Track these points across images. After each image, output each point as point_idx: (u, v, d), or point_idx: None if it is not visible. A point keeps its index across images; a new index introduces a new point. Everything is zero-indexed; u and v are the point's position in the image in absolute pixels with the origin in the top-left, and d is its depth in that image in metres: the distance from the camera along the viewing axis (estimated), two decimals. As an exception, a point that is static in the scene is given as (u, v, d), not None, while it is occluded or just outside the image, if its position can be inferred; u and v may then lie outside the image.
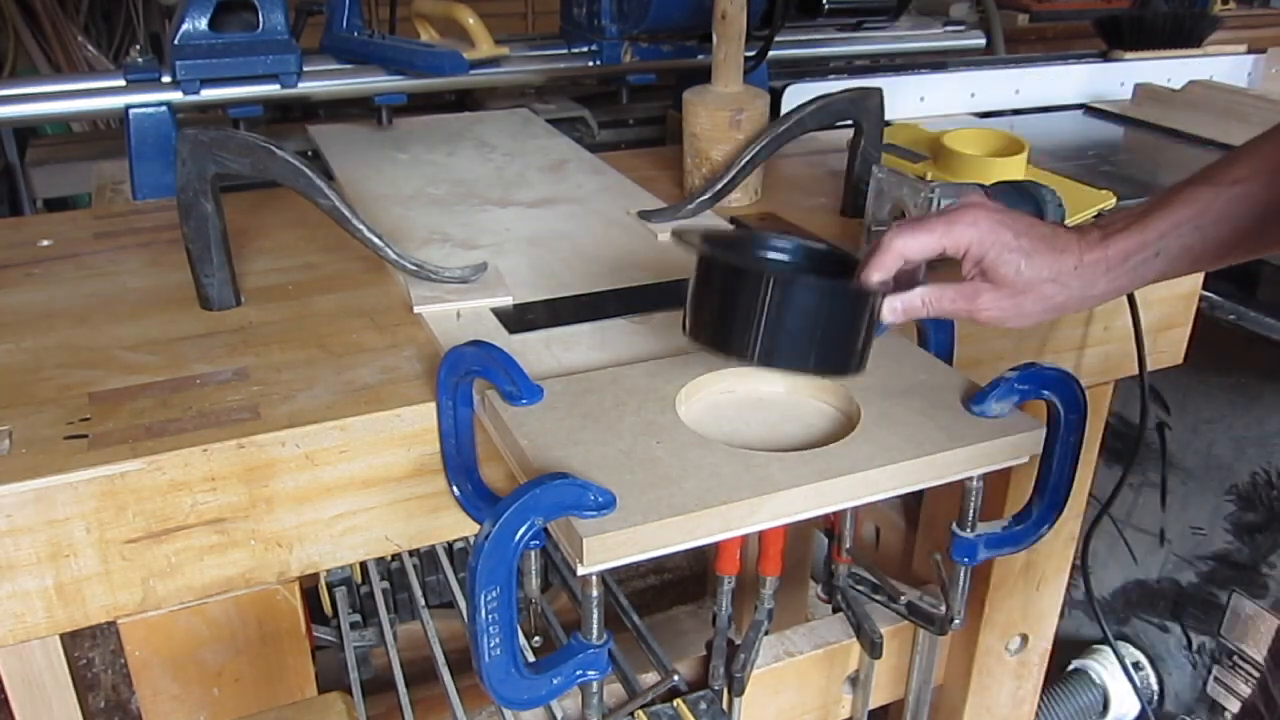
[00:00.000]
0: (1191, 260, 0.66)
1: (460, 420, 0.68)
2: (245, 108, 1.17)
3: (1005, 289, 0.66)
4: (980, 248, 0.65)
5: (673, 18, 1.29)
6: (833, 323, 0.63)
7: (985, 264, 0.66)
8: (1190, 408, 1.24)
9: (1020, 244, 0.65)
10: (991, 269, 0.66)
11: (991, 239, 0.65)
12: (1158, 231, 0.65)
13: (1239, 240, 0.65)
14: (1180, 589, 1.30)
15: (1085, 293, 0.66)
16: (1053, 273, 0.65)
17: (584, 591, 0.61)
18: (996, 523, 0.74)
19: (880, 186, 0.92)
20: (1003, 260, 0.65)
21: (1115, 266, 0.66)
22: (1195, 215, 0.64)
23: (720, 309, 0.64)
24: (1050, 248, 0.65)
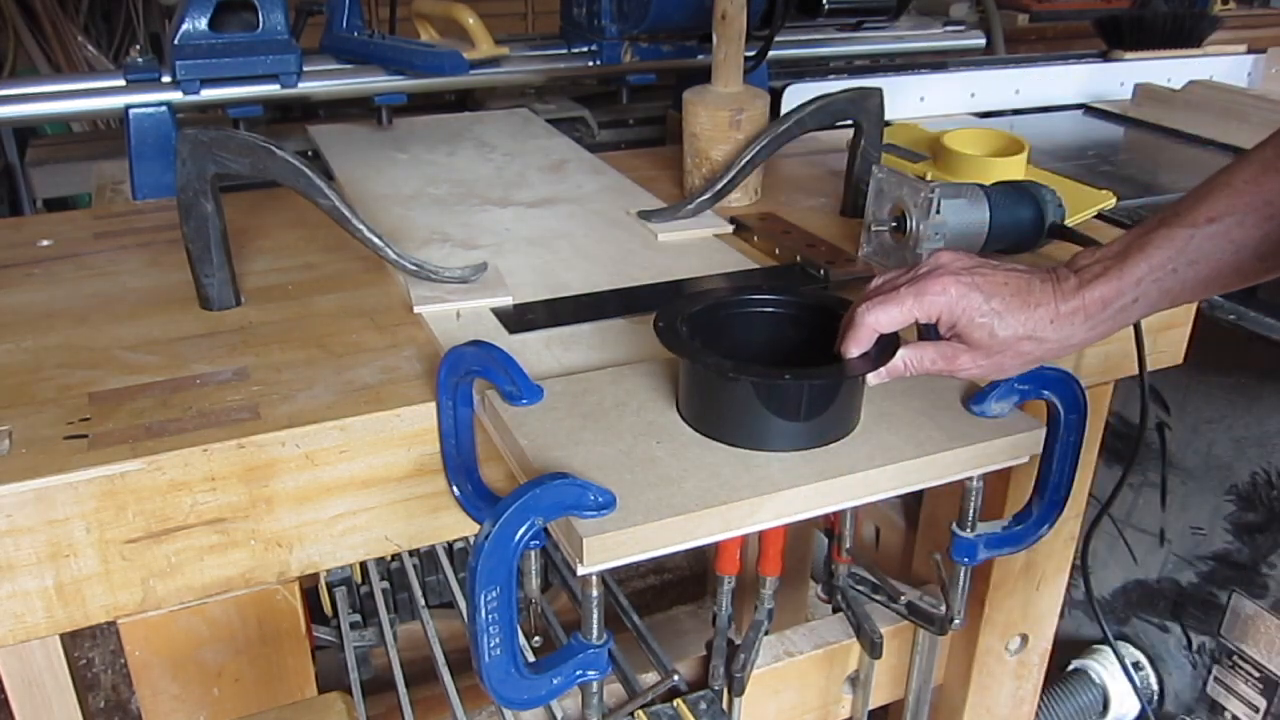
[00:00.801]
0: (1171, 300, 0.65)
1: (460, 420, 0.68)
2: (245, 108, 1.17)
3: (982, 350, 0.65)
4: (951, 314, 0.65)
5: (673, 18, 1.29)
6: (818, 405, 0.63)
7: (959, 329, 0.65)
8: (1190, 408, 1.24)
9: (991, 306, 0.64)
10: (965, 334, 0.65)
11: (961, 305, 0.64)
12: (1135, 278, 0.64)
13: (1218, 277, 0.64)
14: (1180, 589, 1.30)
15: (1065, 342, 0.66)
16: (1028, 329, 0.65)
17: (584, 591, 0.61)
18: (996, 523, 0.74)
19: (880, 186, 0.91)
20: (975, 325, 0.65)
21: (1094, 314, 0.65)
22: (1172, 258, 0.63)
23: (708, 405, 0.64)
24: (1023, 304, 0.65)
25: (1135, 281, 0.64)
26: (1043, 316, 0.64)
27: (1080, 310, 0.64)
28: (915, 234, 0.88)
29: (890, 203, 0.91)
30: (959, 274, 0.65)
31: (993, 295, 0.64)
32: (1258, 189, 0.62)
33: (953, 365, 0.66)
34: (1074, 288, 0.65)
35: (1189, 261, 0.63)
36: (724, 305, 0.71)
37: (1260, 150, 0.64)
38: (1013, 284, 0.65)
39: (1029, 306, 0.64)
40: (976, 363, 0.66)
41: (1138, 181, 1.27)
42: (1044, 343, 0.65)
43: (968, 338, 0.65)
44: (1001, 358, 0.66)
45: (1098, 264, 0.65)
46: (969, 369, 0.66)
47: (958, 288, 0.64)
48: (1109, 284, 0.64)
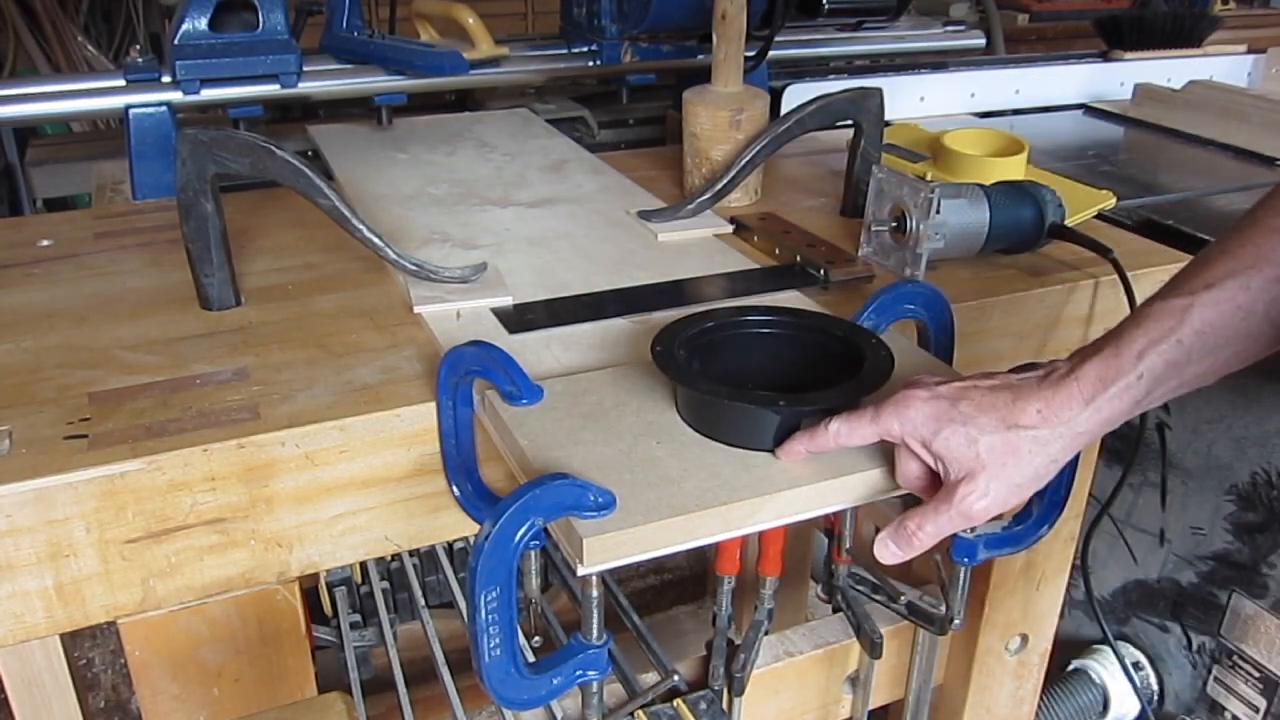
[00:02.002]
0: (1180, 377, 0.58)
1: (460, 420, 0.68)
2: (245, 108, 1.17)
3: (980, 475, 0.58)
4: (916, 430, 0.59)
5: (673, 18, 1.29)
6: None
7: (935, 449, 0.59)
8: (1190, 408, 1.24)
9: (960, 410, 0.58)
10: (942, 452, 0.58)
11: (923, 416, 0.58)
12: (1134, 351, 0.57)
13: (1229, 345, 0.58)
14: (1180, 589, 1.30)
15: (1071, 430, 0.58)
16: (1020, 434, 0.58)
17: (584, 591, 0.61)
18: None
19: (880, 186, 0.91)
20: (947, 436, 0.58)
21: (1095, 396, 0.58)
22: (1173, 328, 0.57)
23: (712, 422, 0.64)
24: (999, 403, 0.58)
25: (1136, 355, 0.57)
26: (1028, 410, 0.58)
27: (1076, 395, 0.58)
28: (915, 234, 0.88)
29: (890, 203, 0.91)
30: (923, 389, 0.60)
31: (960, 399, 0.58)
32: (1256, 247, 0.58)
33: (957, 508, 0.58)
34: (1064, 374, 0.59)
35: (1193, 331, 0.57)
36: (721, 326, 0.71)
37: (1259, 211, 0.60)
38: (984, 385, 0.59)
39: (1008, 403, 0.58)
40: (985, 491, 0.58)
41: (1138, 181, 1.27)
42: (1040, 440, 0.58)
43: (949, 457, 0.58)
44: (1003, 475, 0.58)
45: (1091, 346, 0.60)
46: (986, 506, 0.58)
47: (917, 402, 0.59)
48: (1104, 361, 0.58)
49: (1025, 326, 0.91)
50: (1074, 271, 0.93)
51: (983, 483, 0.58)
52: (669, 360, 0.65)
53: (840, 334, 0.69)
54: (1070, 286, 0.92)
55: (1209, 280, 0.58)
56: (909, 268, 0.89)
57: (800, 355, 0.71)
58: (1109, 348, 0.58)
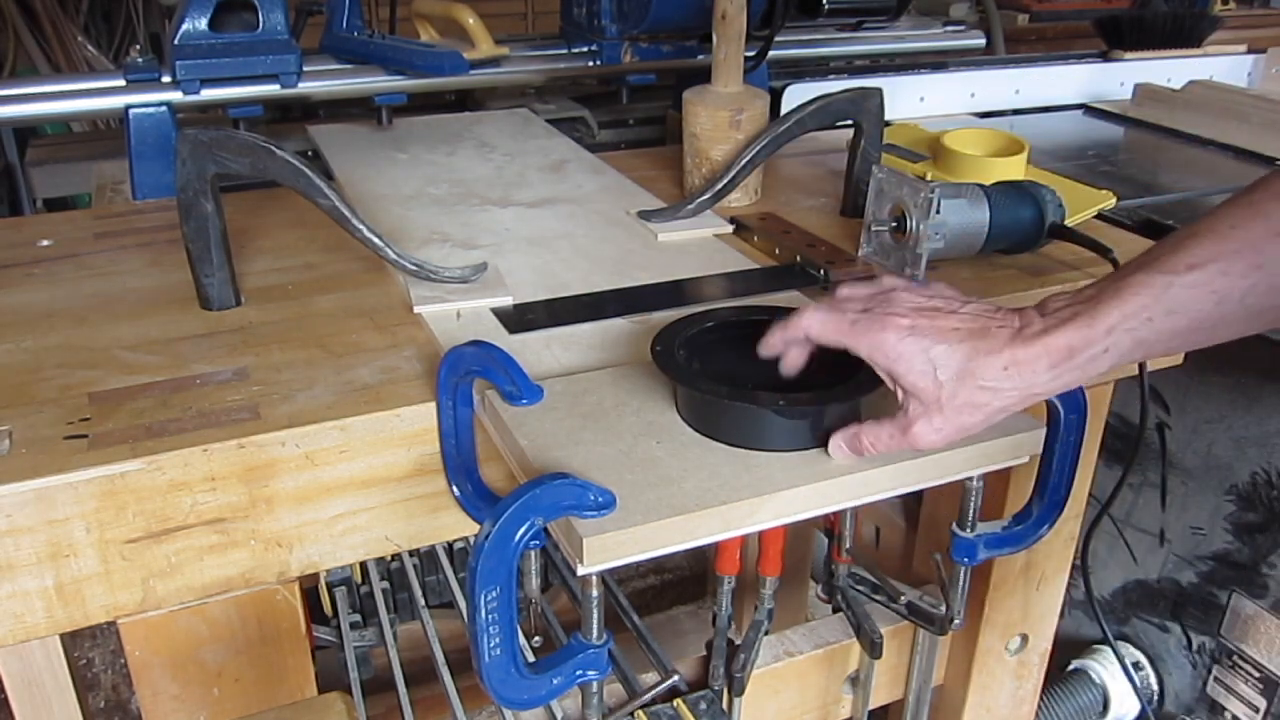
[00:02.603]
0: (1145, 351, 0.59)
1: (460, 420, 0.68)
2: (245, 108, 1.17)
3: (934, 409, 0.60)
4: (886, 358, 0.60)
5: (673, 18, 1.29)
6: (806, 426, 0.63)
7: (900, 379, 0.60)
8: (1190, 408, 1.24)
9: (934, 354, 0.59)
10: (908, 384, 0.60)
11: (900, 350, 0.60)
12: (1106, 325, 0.58)
13: (1198, 329, 0.59)
14: (1180, 589, 1.30)
15: (1026, 392, 0.60)
16: (979, 379, 0.59)
17: (584, 591, 0.61)
18: (996, 523, 0.74)
19: (880, 186, 0.91)
20: (915, 373, 0.59)
21: (1060, 363, 0.59)
22: (1148, 306, 0.58)
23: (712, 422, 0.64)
24: (971, 352, 0.59)
25: (1106, 330, 0.58)
26: (995, 363, 0.59)
27: (1043, 356, 0.59)
28: (915, 234, 0.88)
29: (890, 203, 0.91)
30: (904, 315, 0.61)
31: (937, 342, 0.59)
32: (1243, 232, 0.57)
33: (908, 434, 0.61)
34: (1037, 332, 0.59)
35: (1166, 311, 0.58)
36: (721, 326, 0.72)
37: (1247, 193, 0.59)
38: (963, 327, 0.60)
39: (979, 353, 0.59)
40: (933, 427, 0.60)
41: (1138, 181, 1.27)
42: (1000, 393, 0.59)
43: (914, 390, 0.60)
44: (958, 415, 0.60)
45: (1067, 308, 0.60)
46: (930, 438, 0.60)
47: (897, 332, 0.60)
48: (1077, 331, 0.58)
49: (1025, 326, 0.91)
50: (1074, 271, 0.93)
51: (938, 421, 0.60)
52: (669, 360, 0.66)
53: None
54: (1070, 286, 0.91)
55: (1192, 261, 0.57)
56: (909, 268, 0.89)
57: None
58: (1084, 316, 0.59)
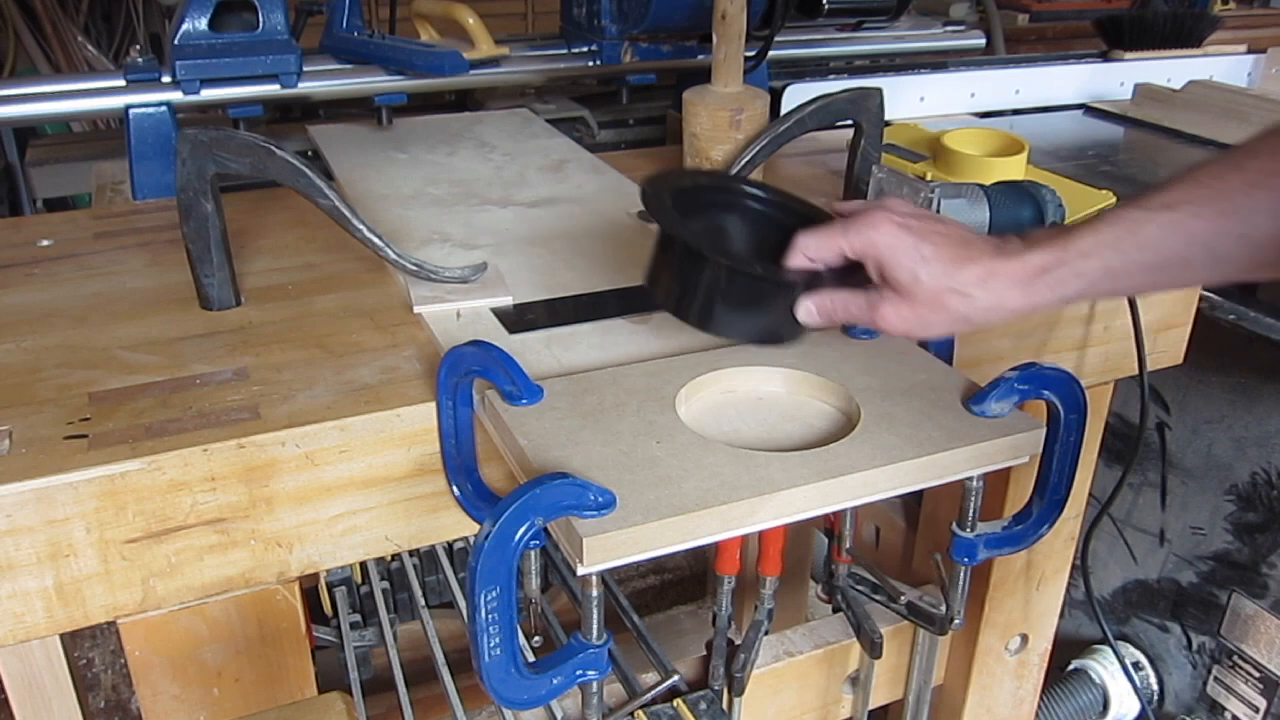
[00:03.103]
0: (1113, 282, 0.62)
1: (460, 420, 0.68)
2: (245, 108, 1.17)
3: (906, 298, 0.64)
4: (878, 254, 0.64)
5: (673, 18, 1.29)
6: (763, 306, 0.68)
7: (885, 270, 0.64)
8: (1190, 408, 1.24)
9: (921, 251, 0.63)
10: (890, 275, 0.64)
11: (889, 243, 0.64)
12: (1078, 250, 0.61)
13: (1165, 268, 0.62)
14: (1180, 589, 1.30)
15: (996, 305, 0.63)
16: (954, 283, 0.63)
17: (584, 591, 0.61)
18: (996, 523, 0.74)
19: (880, 186, 0.91)
20: (899, 266, 0.63)
21: (1031, 280, 0.62)
22: (1121, 237, 0.61)
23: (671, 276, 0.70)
24: (955, 256, 0.63)
25: (1079, 253, 0.61)
26: (974, 273, 0.62)
27: (1018, 273, 0.62)
28: (915, 234, 0.88)
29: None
30: (897, 216, 0.64)
31: (925, 241, 0.63)
32: (1219, 183, 0.60)
33: (874, 312, 0.65)
34: (1016, 250, 0.63)
35: (1137, 245, 0.61)
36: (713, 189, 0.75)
37: (1232, 151, 0.62)
38: (951, 236, 0.64)
39: (960, 260, 0.63)
40: (899, 312, 0.64)
41: (1138, 181, 1.27)
42: (972, 300, 0.63)
43: (894, 282, 0.64)
44: (925, 309, 0.64)
45: (1045, 234, 0.64)
46: (890, 319, 0.65)
47: (890, 225, 0.64)
48: (1051, 252, 0.62)
49: (1025, 326, 0.91)
50: (1074, 271, 0.93)
51: (905, 310, 0.64)
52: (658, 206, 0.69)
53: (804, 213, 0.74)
54: (1070, 286, 0.91)
55: (1168, 202, 0.61)
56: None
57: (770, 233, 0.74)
58: (1060, 239, 0.62)
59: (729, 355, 0.73)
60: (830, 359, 0.72)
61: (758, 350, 0.74)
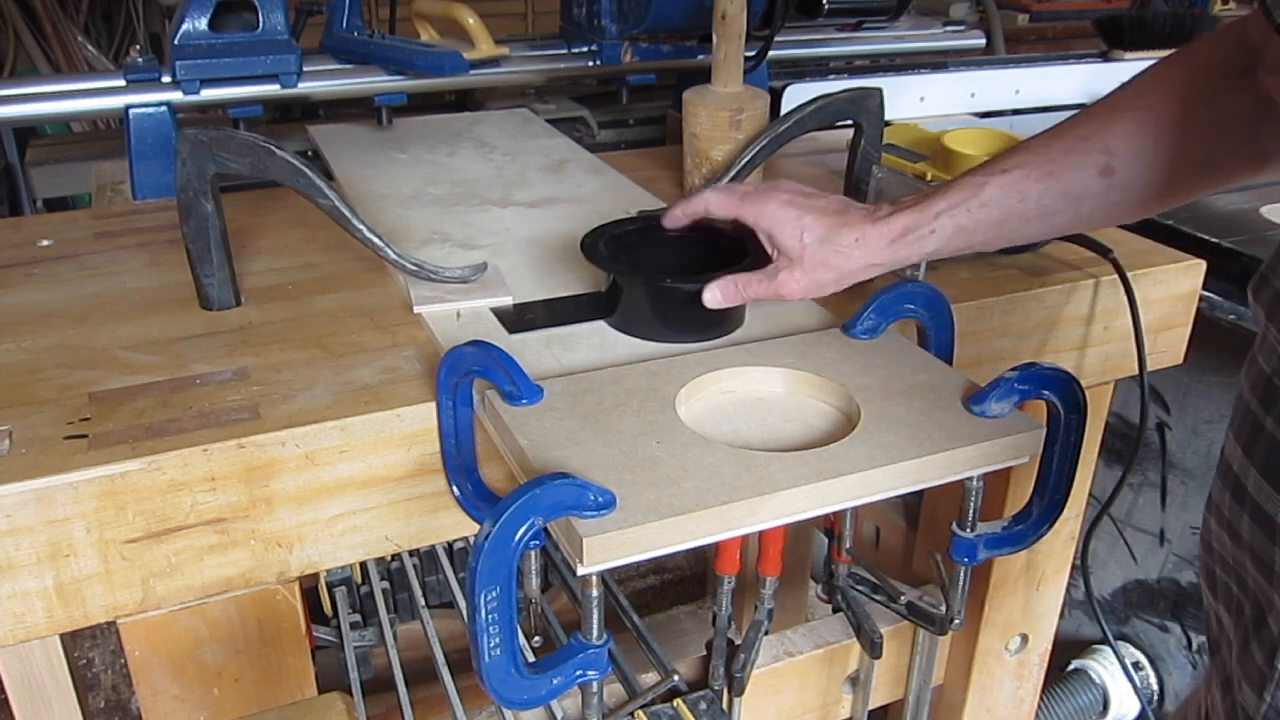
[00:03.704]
0: (967, 238, 0.73)
1: (460, 420, 0.68)
2: (245, 108, 1.17)
3: (798, 265, 0.74)
4: (767, 221, 0.75)
5: (673, 18, 1.29)
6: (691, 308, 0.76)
7: (775, 239, 0.75)
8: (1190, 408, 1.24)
9: (804, 221, 0.74)
10: (781, 243, 0.74)
11: (777, 215, 0.74)
12: (934, 211, 0.72)
13: (1006, 222, 0.73)
14: (1180, 589, 1.30)
15: (868, 260, 0.74)
16: (834, 245, 0.73)
17: (584, 591, 0.61)
18: (996, 523, 0.74)
19: (880, 186, 0.92)
20: (786, 234, 0.74)
21: (896, 239, 0.73)
22: (967, 198, 0.72)
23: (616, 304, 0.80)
24: (834, 223, 0.74)
25: (934, 215, 0.73)
26: (849, 234, 0.73)
27: (885, 233, 0.73)
28: (915, 234, 0.88)
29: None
30: (784, 194, 0.75)
31: (808, 211, 0.74)
32: (1045, 149, 0.72)
33: (774, 281, 0.75)
34: (884, 215, 0.74)
35: (981, 204, 0.72)
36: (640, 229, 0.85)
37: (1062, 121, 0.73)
38: (829, 208, 0.75)
39: (838, 226, 0.74)
40: (794, 278, 0.74)
41: (1138, 181, 1.27)
42: (848, 257, 0.74)
43: (785, 249, 0.74)
44: (816, 271, 0.74)
45: (912, 198, 0.74)
46: (789, 285, 0.74)
47: (779, 201, 0.75)
48: (912, 215, 0.73)
49: (1025, 326, 0.91)
50: (1074, 271, 0.93)
51: (798, 274, 0.75)
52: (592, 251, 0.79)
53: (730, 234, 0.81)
54: (1070, 286, 0.92)
55: (1005, 166, 0.73)
56: (909, 268, 0.89)
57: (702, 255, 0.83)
58: (918, 205, 0.73)
59: (729, 355, 0.73)
60: (830, 359, 0.72)
61: (758, 350, 0.74)
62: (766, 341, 0.76)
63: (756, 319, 0.82)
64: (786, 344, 0.75)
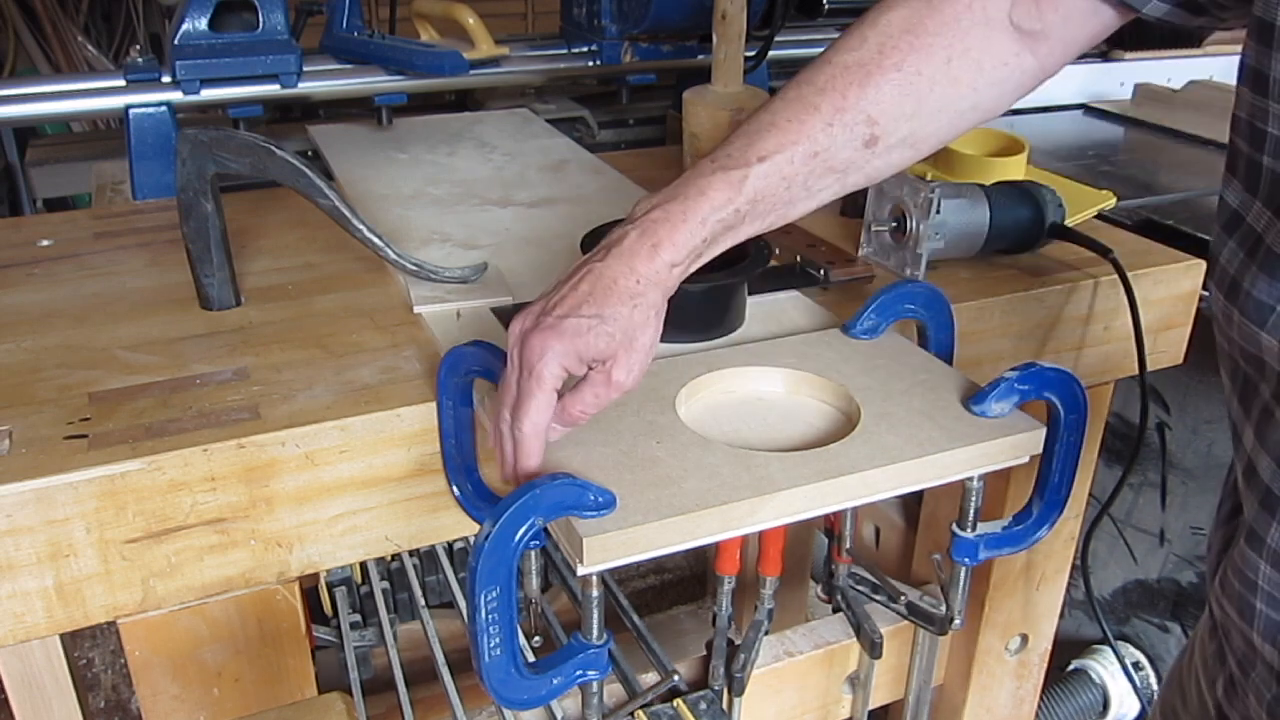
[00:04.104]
0: (733, 234, 0.64)
1: (460, 420, 0.68)
2: (245, 108, 1.17)
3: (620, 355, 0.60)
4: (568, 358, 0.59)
5: (673, 18, 1.29)
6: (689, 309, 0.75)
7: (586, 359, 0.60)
8: (1190, 408, 1.24)
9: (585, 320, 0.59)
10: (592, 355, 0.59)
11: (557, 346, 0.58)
12: (699, 218, 0.62)
13: (774, 209, 0.65)
14: (1180, 589, 1.30)
15: (662, 285, 0.61)
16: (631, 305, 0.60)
17: (584, 591, 0.61)
18: (996, 523, 0.74)
19: (880, 186, 0.91)
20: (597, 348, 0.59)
21: (674, 257, 0.61)
22: (731, 198, 0.62)
23: None
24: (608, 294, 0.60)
25: (700, 222, 0.62)
26: (628, 284, 0.60)
27: (661, 258, 0.61)
28: (915, 234, 0.88)
29: (890, 203, 0.91)
30: (537, 328, 0.59)
31: (576, 309, 0.59)
32: (800, 124, 0.64)
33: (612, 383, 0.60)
34: (638, 239, 0.61)
35: (748, 200, 0.63)
36: None
37: (800, 84, 0.65)
38: (582, 286, 0.60)
39: (613, 289, 0.60)
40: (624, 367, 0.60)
41: (1138, 181, 1.27)
42: (648, 302, 0.60)
43: (597, 357, 0.60)
44: (636, 347, 0.60)
45: (659, 207, 0.62)
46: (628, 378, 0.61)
47: (545, 337, 0.59)
48: (674, 226, 0.61)
49: (1025, 326, 0.91)
50: (1074, 272, 0.93)
51: (624, 360, 0.60)
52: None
53: None
54: (1070, 287, 0.92)
55: (762, 153, 0.63)
56: (909, 268, 0.89)
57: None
58: (678, 213, 0.62)
59: (729, 355, 0.73)
60: (830, 359, 0.72)
61: (758, 350, 0.74)
62: (766, 341, 0.76)
63: (756, 319, 0.82)
64: (786, 344, 0.75)
